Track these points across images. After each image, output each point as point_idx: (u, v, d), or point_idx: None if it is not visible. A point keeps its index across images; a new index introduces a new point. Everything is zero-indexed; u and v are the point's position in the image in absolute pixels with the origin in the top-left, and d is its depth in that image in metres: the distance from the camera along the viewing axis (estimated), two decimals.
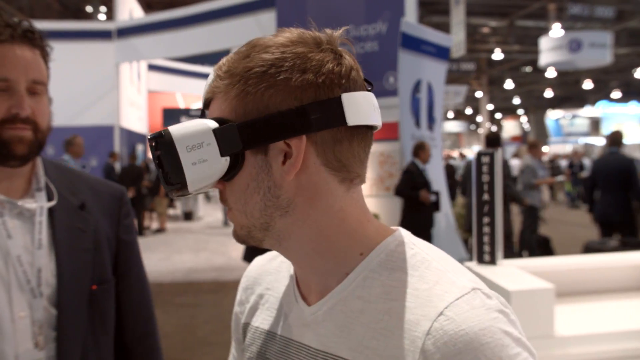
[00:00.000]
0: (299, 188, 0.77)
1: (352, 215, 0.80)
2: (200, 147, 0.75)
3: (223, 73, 0.79)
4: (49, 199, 1.30)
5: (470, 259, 3.36)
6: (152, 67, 17.68)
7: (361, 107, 0.77)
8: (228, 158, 0.76)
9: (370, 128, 0.80)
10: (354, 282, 0.79)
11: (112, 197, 1.43)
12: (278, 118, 0.74)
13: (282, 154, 0.76)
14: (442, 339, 0.68)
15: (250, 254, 5.87)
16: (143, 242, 11.57)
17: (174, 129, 0.76)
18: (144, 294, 1.48)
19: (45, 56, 1.31)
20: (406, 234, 0.83)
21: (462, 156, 23.95)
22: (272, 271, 0.98)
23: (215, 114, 0.79)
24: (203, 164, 0.75)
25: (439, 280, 0.74)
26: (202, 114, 0.82)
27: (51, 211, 1.29)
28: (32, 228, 1.25)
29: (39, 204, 1.27)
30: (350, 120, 0.76)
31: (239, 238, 0.83)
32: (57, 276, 1.24)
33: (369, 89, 0.81)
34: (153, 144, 0.76)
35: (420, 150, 6.59)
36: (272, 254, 1.02)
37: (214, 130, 0.75)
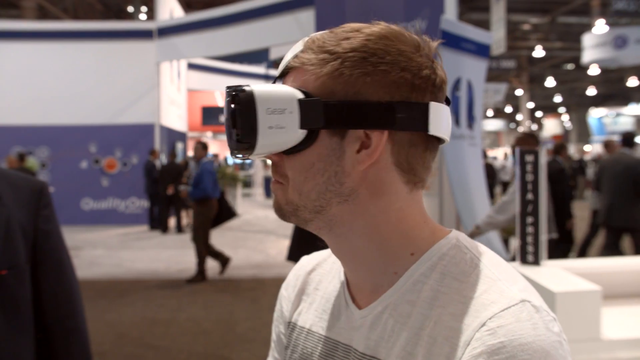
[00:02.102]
0: (365, 180, 0.76)
1: (409, 215, 0.79)
2: (281, 112, 0.73)
3: (317, 47, 0.77)
4: None
5: (512, 259, 3.30)
6: (192, 66, 17.90)
7: (442, 119, 0.78)
8: (305, 132, 0.75)
9: (439, 140, 0.80)
10: (404, 285, 0.78)
11: (31, 190, 1.52)
12: (366, 107, 0.74)
13: (358, 142, 0.75)
14: (478, 349, 0.66)
15: (296, 254, 5.89)
16: (182, 239, 11.72)
17: (257, 88, 0.74)
18: (64, 279, 1.55)
19: None
20: (461, 237, 0.81)
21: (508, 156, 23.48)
22: (323, 272, 0.97)
23: (296, 85, 0.77)
24: (279, 131, 0.74)
25: (488, 289, 0.72)
26: (274, 82, 0.81)
27: None
28: None
29: None
30: (431, 129, 0.76)
31: (281, 213, 0.81)
32: None
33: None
34: (233, 95, 0.74)
35: (563, 149, 7.46)
36: (323, 255, 1.00)
37: (300, 100, 0.74)
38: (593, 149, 31.41)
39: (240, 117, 0.73)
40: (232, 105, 0.74)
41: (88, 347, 1.60)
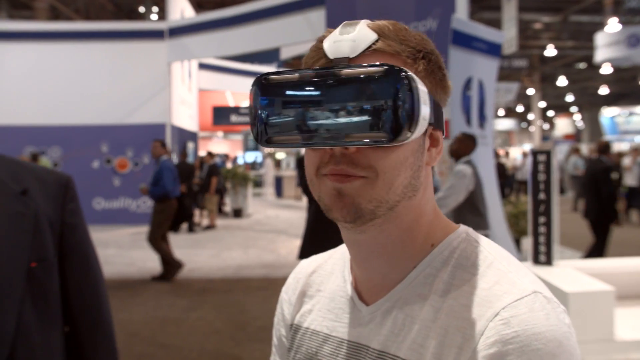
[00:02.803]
0: (424, 176, 0.79)
1: (432, 209, 0.83)
2: (425, 103, 0.71)
3: (400, 39, 0.76)
4: None
5: (524, 260, 3.29)
6: (203, 66, 17.95)
7: None
8: (427, 125, 0.73)
9: None
10: (415, 279, 0.79)
11: (57, 183, 1.54)
12: (439, 108, 0.78)
13: (429, 140, 0.78)
14: (492, 339, 0.67)
15: (308, 253, 5.93)
16: (193, 239, 11.76)
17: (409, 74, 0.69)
18: (90, 272, 1.58)
19: None
20: (470, 231, 0.83)
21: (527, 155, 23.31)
22: (324, 274, 0.97)
23: None
24: (423, 122, 0.71)
25: (499, 281, 0.73)
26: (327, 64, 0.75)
27: None
28: None
29: None
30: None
31: (358, 213, 0.74)
32: None
33: None
34: (407, 77, 0.68)
35: (607, 148, 7.88)
36: (324, 257, 1.01)
37: (429, 94, 0.73)
38: None
39: (412, 104, 0.68)
40: (410, 87, 0.68)
41: (113, 339, 1.63)
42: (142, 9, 21.02)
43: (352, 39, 0.74)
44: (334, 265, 0.96)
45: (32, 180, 1.49)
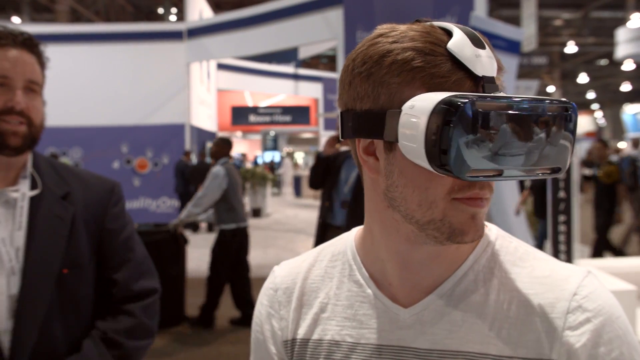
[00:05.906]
0: None
1: None
2: None
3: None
4: (33, 188, 1.43)
5: None
6: (221, 66, 18.03)
7: None
8: None
9: None
10: (464, 276, 0.80)
11: (102, 189, 1.55)
12: None
13: None
14: (583, 315, 0.73)
15: None
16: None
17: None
18: (131, 275, 1.54)
19: (42, 64, 1.47)
20: (497, 227, 0.85)
21: None
22: (316, 279, 0.93)
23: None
24: None
25: (554, 268, 0.79)
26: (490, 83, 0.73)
27: (34, 199, 1.41)
28: (14, 212, 1.38)
29: (21, 191, 1.40)
30: None
31: (482, 231, 0.76)
32: (25, 258, 1.35)
33: None
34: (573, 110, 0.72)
35: None
36: (308, 261, 0.97)
37: None
38: (628, 145, 30.79)
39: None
40: (572, 128, 0.72)
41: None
42: (160, 10, 21.19)
43: (489, 55, 0.74)
44: (328, 269, 0.92)
45: (76, 185, 1.49)
